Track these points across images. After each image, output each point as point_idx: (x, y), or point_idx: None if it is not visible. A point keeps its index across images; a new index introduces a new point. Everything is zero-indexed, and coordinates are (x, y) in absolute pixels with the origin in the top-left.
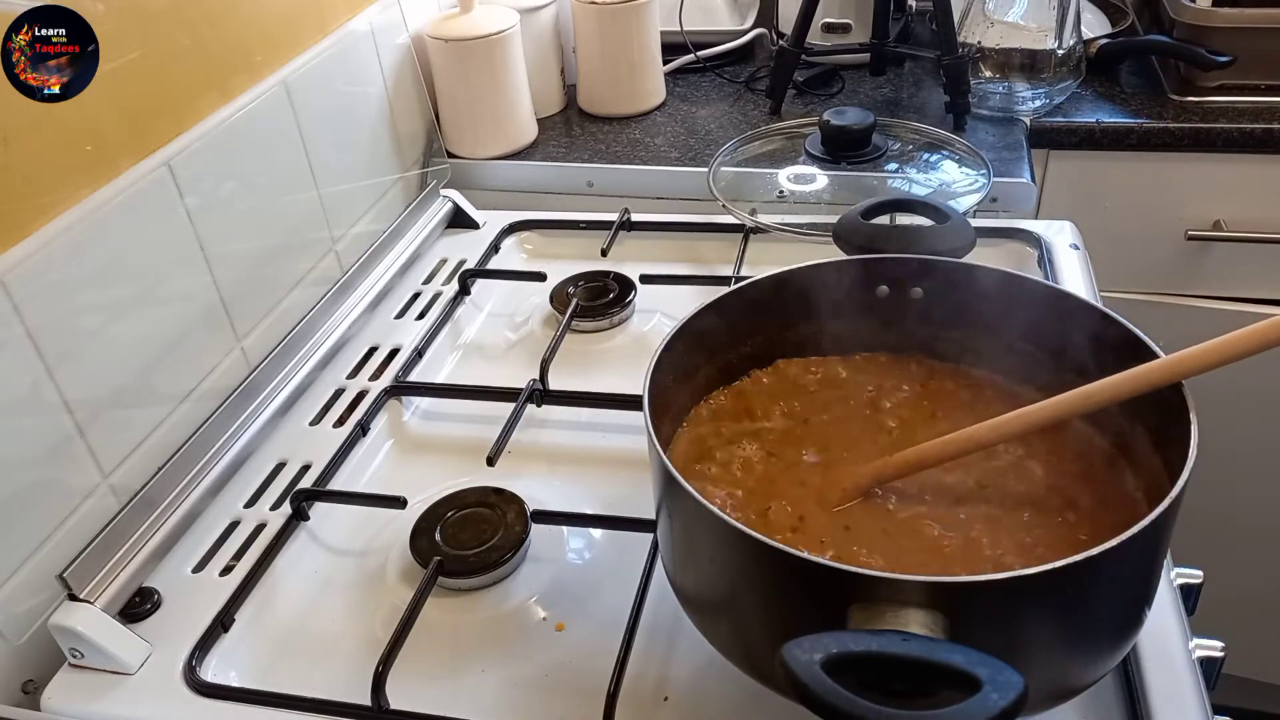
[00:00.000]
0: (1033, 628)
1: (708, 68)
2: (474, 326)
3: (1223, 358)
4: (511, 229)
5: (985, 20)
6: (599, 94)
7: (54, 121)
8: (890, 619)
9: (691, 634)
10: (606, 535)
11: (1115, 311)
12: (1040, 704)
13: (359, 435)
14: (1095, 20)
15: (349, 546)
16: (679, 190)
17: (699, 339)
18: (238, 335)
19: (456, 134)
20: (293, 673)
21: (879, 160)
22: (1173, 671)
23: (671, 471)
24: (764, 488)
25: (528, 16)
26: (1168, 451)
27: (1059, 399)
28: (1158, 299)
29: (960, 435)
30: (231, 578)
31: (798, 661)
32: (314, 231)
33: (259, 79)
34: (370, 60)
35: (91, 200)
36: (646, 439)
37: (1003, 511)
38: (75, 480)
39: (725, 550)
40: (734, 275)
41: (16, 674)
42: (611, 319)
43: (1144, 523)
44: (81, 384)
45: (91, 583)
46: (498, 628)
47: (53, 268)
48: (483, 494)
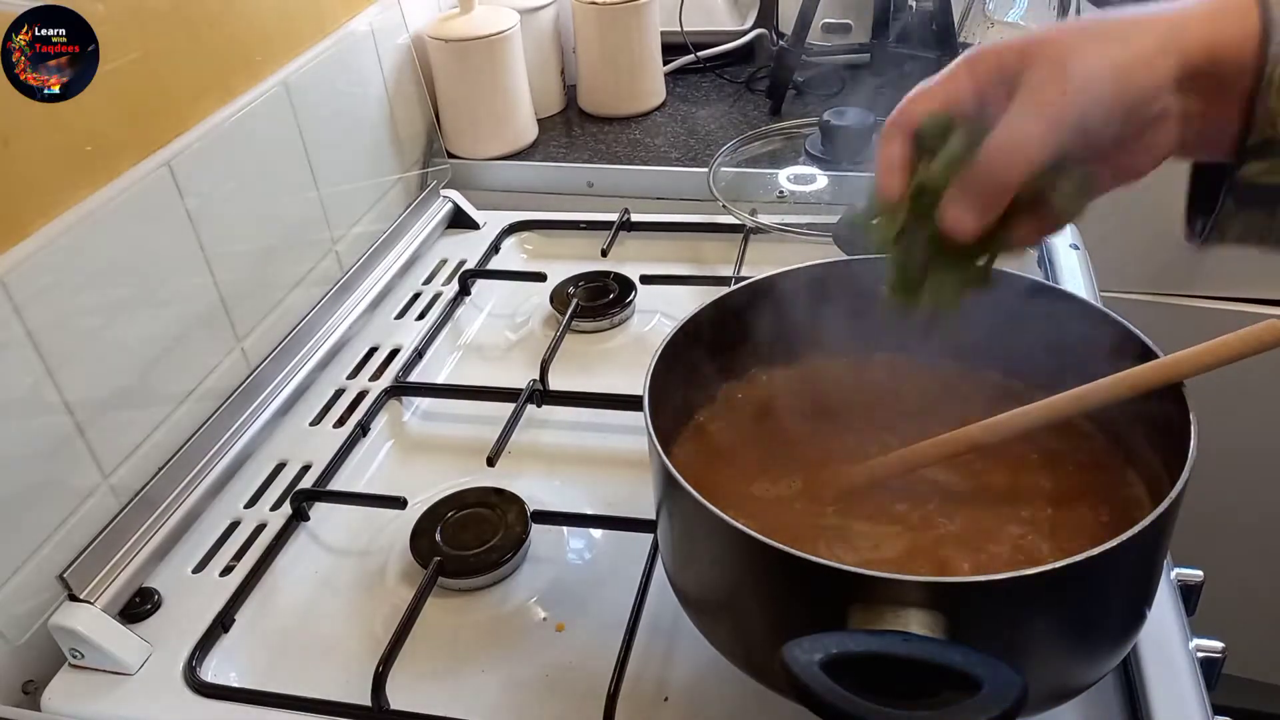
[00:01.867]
0: (1033, 628)
1: (708, 68)
2: (474, 327)
3: (1222, 358)
4: (512, 229)
5: (985, 20)
6: (599, 94)
7: (54, 121)
8: (890, 619)
9: (691, 634)
10: (606, 535)
11: (1115, 311)
12: (1040, 704)
13: (359, 435)
14: None
15: (349, 547)
16: (679, 190)
17: (699, 339)
18: (238, 335)
19: (456, 134)
20: (293, 673)
21: None
22: (1173, 671)
23: (671, 472)
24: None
25: (528, 16)
26: (1168, 451)
27: (1057, 399)
28: (1158, 299)
29: (957, 435)
30: (232, 578)
31: (798, 661)
32: (314, 232)
33: (259, 79)
34: (370, 60)
35: (91, 201)
36: (647, 439)
37: (1001, 511)
38: (75, 480)
39: (725, 550)
40: (734, 275)
41: (16, 674)
42: (612, 319)
43: (1144, 523)
44: (82, 384)
45: (92, 583)
46: (498, 628)
47: (53, 268)
48: (483, 494)
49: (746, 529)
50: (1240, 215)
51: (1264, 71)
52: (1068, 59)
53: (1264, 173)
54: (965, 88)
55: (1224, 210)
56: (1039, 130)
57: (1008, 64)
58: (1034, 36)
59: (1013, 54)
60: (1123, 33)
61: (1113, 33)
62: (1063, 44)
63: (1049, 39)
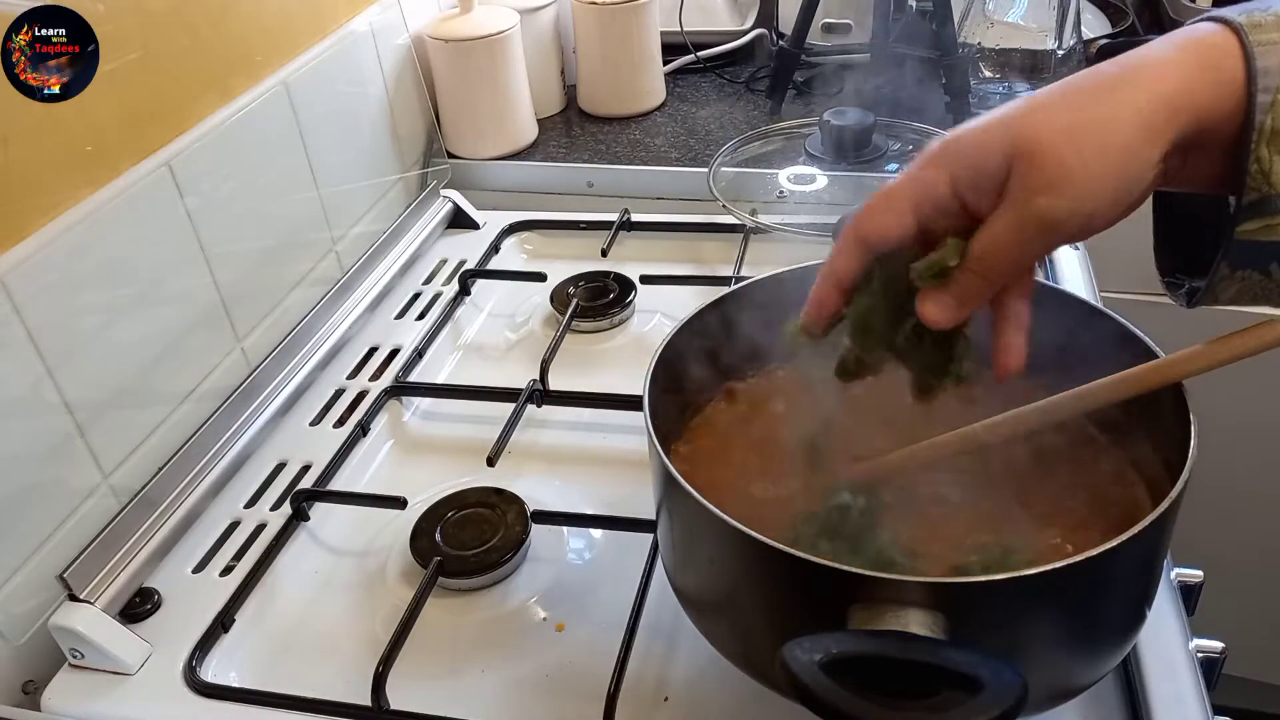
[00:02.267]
0: (1033, 628)
1: (708, 68)
2: (474, 327)
3: (1222, 358)
4: (512, 229)
5: (985, 20)
6: (599, 94)
7: (54, 121)
8: (891, 619)
9: (691, 634)
10: (606, 535)
11: (1115, 311)
12: (1040, 704)
13: (359, 435)
14: (1095, 20)
15: (349, 547)
16: (679, 190)
17: (699, 339)
18: (238, 335)
19: (457, 134)
20: (293, 673)
21: (879, 160)
22: (1173, 671)
23: (672, 472)
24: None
25: (528, 17)
26: (1168, 451)
27: (1057, 399)
28: (1158, 299)
29: (956, 435)
30: (232, 578)
31: (798, 661)
32: (314, 232)
33: (259, 79)
34: (370, 60)
35: (91, 200)
36: (647, 439)
37: (1001, 511)
38: (75, 480)
39: (725, 550)
40: (734, 275)
41: (16, 674)
42: (612, 319)
43: (1144, 523)
44: (82, 384)
45: (92, 583)
46: (498, 628)
47: (53, 268)
48: (483, 494)
49: (747, 529)
50: (1235, 276)
51: (1252, 121)
52: (1062, 165)
53: (1261, 230)
54: (938, 192)
55: (1218, 274)
56: (1039, 242)
57: (989, 167)
58: (1014, 128)
59: (995, 156)
60: (1110, 119)
61: (1100, 121)
62: (1053, 145)
63: (1033, 135)
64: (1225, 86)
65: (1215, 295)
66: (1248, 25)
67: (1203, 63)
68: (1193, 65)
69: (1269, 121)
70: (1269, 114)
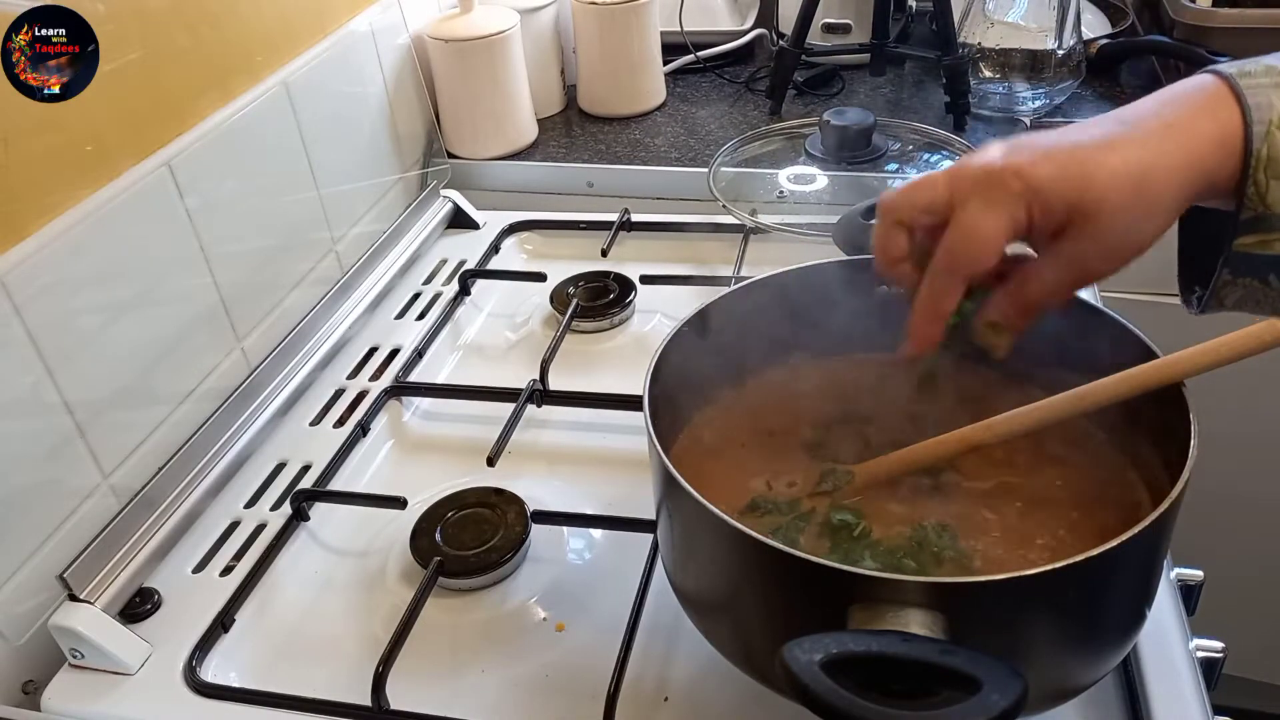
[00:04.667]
0: (1033, 628)
1: (708, 68)
2: (474, 327)
3: (1222, 358)
4: (511, 229)
5: (985, 20)
6: (599, 94)
7: (54, 122)
8: (891, 619)
9: (691, 634)
10: (606, 535)
11: (1115, 311)
12: (1040, 704)
13: (359, 435)
14: (1095, 20)
15: (349, 547)
16: (679, 190)
17: (699, 339)
18: (238, 336)
19: (456, 134)
20: (293, 673)
21: (879, 160)
22: (1173, 671)
23: (672, 472)
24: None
25: (528, 16)
26: (1168, 451)
27: (1057, 399)
28: (1158, 299)
29: (957, 435)
30: (231, 578)
31: (798, 661)
32: (314, 232)
33: (259, 79)
34: (370, 61)
35: (91, 201)
36: (647, 439)
37: (1001, 511)
38: (75, 480)
39: (725, 550)
40: (734, 275)
41: (16, 674)
42: (611, 319)
43: (1144, 523)
44: (82, 384)
45: (92, 583)
46: (498, 628)
47: (53, 268)
48: (483, 494)
49: (747, 529)
50: (1238, 283)
51: (1250, 149)
52: (1122, 235)
53: (1256, 244)
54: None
55: (1220, 279)
56: (1080, 287)
57: (1054, 211)
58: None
59: (1059, 205)
60: (1163, 185)
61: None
62: (1112, 214)
63: (1100, 196)
64: (1229, 143)
65: (1220, 300)
66: (1238, 74)
67: (1206, 107)
68: (1203, 118)
69: (1264, 150)
70: (1264, 143)
